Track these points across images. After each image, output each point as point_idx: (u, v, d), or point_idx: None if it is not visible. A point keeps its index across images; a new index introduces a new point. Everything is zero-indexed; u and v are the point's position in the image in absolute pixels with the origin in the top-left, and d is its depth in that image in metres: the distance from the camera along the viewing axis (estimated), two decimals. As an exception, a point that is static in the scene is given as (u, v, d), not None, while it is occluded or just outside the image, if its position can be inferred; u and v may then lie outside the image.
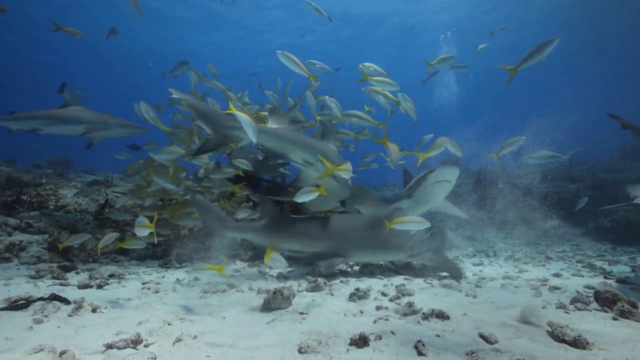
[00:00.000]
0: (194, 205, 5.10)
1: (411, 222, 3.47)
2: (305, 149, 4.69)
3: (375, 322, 2.76)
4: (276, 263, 3.27)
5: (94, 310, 2.89)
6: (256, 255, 5.53)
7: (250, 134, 3.57)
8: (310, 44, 32.62)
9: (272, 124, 4.63)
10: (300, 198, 3.57)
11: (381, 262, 5.72)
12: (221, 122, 4.36)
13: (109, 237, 3.66)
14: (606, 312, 3.05)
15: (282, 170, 6.80)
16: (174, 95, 4.24)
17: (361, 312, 3.04)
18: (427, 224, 3.44)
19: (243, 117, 3.42)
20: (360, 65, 5.61)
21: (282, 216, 5.04)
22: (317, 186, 3.57)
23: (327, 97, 6.03)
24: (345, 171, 3.85)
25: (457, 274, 4.62)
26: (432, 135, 5.74)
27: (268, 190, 7.20)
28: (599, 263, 6.40)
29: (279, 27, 30.98)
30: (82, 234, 4.49)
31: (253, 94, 7.08)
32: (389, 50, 33.33)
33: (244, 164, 5.30)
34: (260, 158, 5.88)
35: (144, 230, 3.31)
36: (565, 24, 25.15)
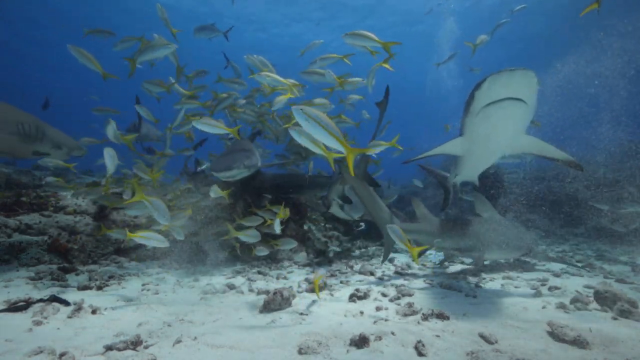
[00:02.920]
0: (362, 196, 4.93)
1: None
2: None
3: (375, 322, 2.77)
4: None
5: (93, 312, 2.89)
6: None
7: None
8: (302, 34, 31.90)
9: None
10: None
11: (502, 260, 5.94)
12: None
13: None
14: (606, 311, 3.05)
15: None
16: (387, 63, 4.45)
17: (361, 312, 3.04)
18: None
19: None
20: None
21: (434, 218, 5.41)
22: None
23: (256, 75, 5.21)
24: None
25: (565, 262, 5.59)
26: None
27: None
28: (598, 263, 6.40)
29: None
30: (120, 229, 4.52)
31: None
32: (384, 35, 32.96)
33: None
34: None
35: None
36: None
